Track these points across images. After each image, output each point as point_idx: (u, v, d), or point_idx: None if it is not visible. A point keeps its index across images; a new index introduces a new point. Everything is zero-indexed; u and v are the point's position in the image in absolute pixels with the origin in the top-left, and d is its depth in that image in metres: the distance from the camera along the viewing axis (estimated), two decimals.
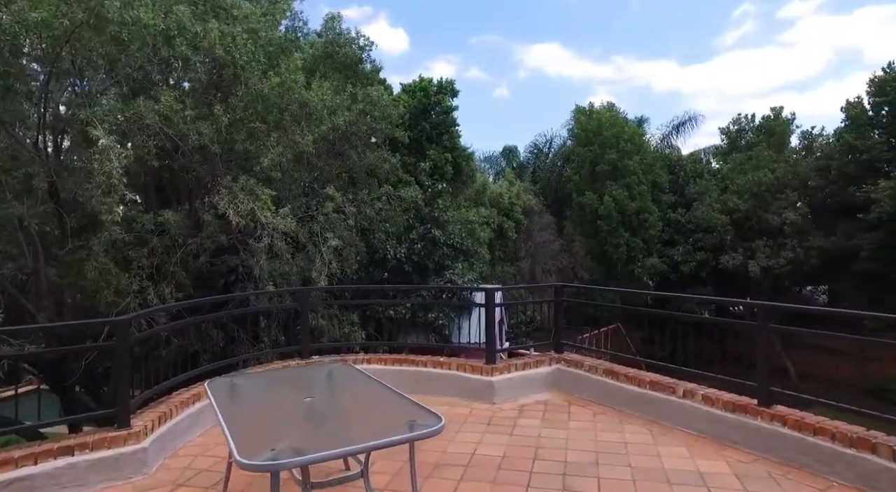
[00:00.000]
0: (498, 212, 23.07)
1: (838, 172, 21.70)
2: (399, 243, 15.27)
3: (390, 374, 6.89)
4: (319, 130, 8.88)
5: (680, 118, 31.64)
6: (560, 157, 32.39)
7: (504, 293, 17.72)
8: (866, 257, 19.82)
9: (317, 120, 8.80)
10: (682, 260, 25.87)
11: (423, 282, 15.63)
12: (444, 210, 15.73)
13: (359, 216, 10.56)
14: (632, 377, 5.92)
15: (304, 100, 8.48)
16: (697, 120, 31.55)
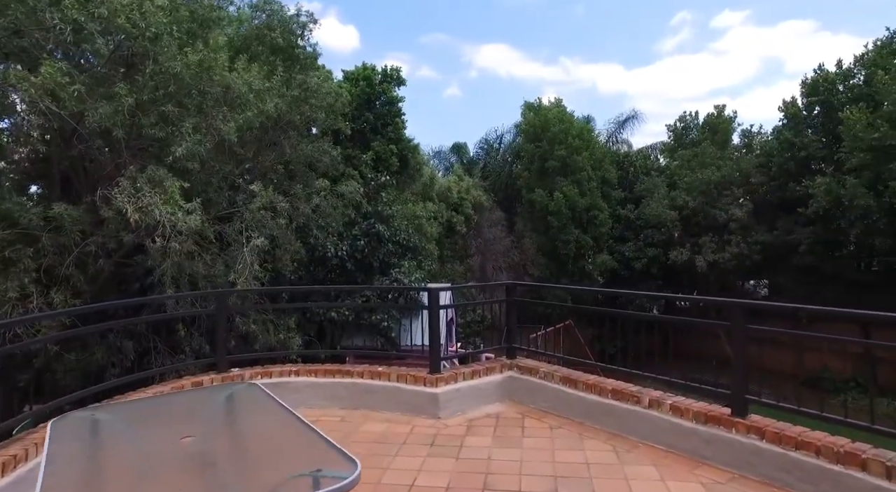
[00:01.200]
0: (447, 207, 22.44)
1: (778, 168, 22.37)
2: (341, 240, 14.38)
3: (323, 387, 6.11)
4: (245, 117, 7.91)
5: (625, 115, 32.09)
6: (510, 153, 32.15)
7: (454, 293, 17.11)
8: (805, 251, 20.45)
9: (242, 105, 7.82)
10: (633, 256, 26.10)
11: (368, 281, 14.80)
12: (388, 204, 14.94)
13: (294, 213, 9.62)
14: (591, 385, 5.37)
15: (226, 82, 7.50)
16: (640, 117, 32.13)
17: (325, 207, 10.22)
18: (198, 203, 7.16)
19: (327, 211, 10.36)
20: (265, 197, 8.43)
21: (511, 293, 6.61)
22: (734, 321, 4.20)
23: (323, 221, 10.78)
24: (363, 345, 14.49)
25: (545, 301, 7.13)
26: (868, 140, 17.25)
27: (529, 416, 5.63)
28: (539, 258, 26.25)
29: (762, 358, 20.73)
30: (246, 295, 9.94)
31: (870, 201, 17.42)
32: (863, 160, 17.63)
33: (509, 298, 6.60)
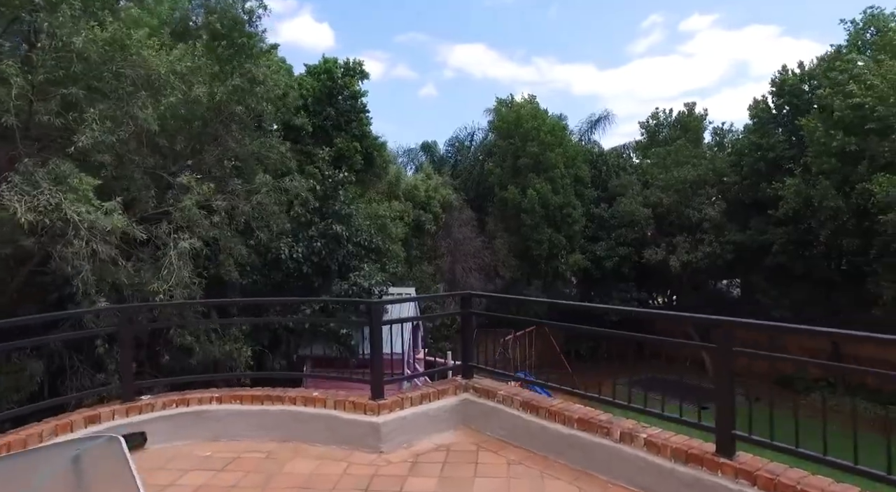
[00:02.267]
0: (414, 206, 21.65)
1: (749, 168, 22.24)
2: (296, 242, 13.48)
3: (250, 416, 5.30)
4: (168, 103, 6.99)
5: (597, 114, 31.86)
6: (482, 151, 31.52)
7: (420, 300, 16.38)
8: (778, 251, 20.33)
9: (166, 91, 6.91)
10: (606, 256, 25.73)
11: (326, 285, 13.94)
12: (347, 203, 14.09)
13: (234, 211, 8.73)
14: (555, 413, 4.68)
15: (145, 63, 6.57)
16: (611, 118, 31.95)
17: (268, 205, 9.34)
18: (118, 202, 6.24)
19: (270, 209, 9.47)
20: (198, 194, 7.52)
21: (467, 305, 5.88)
22: (720, 344, 3.54)
23: (267, 221, 9.88)
24: (322, 354, 13.65)
25: (504, 315, 6.34)
26: (830, 146, 17.26)
27: (485, 447, 4.92)
28: (511, 259, 25.68)
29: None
30: (155, 308, 8.95)
31: (839, 203, 17.37)
32: (830, 165, 17.59)
33: (465, 311, 5.88)
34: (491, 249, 26.03)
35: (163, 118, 7.23)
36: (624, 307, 4.13)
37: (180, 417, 5.13)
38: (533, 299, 4.18)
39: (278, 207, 9.57)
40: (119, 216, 6.07)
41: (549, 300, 4.16)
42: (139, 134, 7.06)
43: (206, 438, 5.14)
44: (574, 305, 4.67)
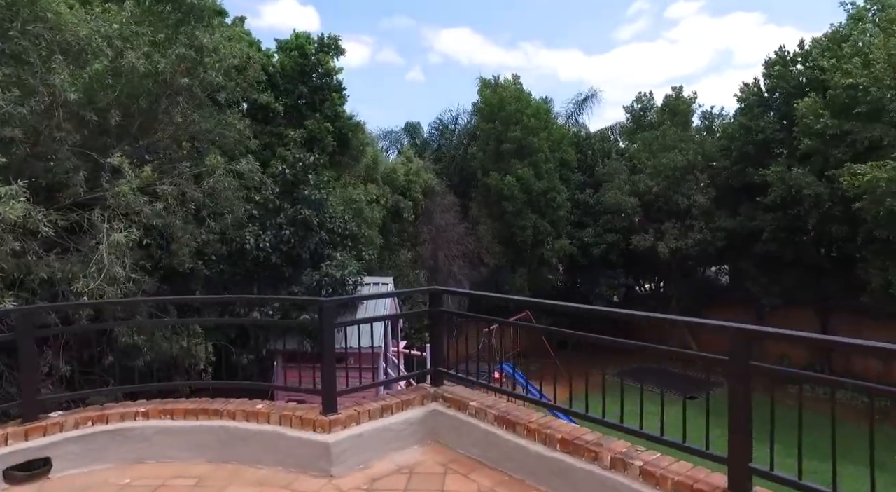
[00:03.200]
0: (393, 190, 20.83)
1: (738, 152, 21.75)
2: (263, 229, 12.67)
3: (182, 433, 4.59)
4: (94, 72, 6.13)
5: (583, 94, 31.09)
6: (466, 135, 30.64)
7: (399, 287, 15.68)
8: (768, 238, 19.93)
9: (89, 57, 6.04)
10: (593, 242, 25.18)
11: (297, 276, 13.17)
12: (318, 187, 13.27)
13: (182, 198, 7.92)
14: (534, 430, 4.04)
15: (58, 22, 5.69)
16: (598, 97, 31.19)
17: (222, 191, 8.52)
18: (20, 185, 5.40)
19: (225, 195, 8.66)
20: (135, 177, 6.69)
21: (437, 303, 5.20)
22: (734, 358, 2.90)
23: (222, 208, 9.04)
24: (295, 348, 12.90)
25: (476, 315, 5.59)
26: (815, 128, 16.85)
27: (454, 468, 4.27)
28: (495, 246, 25.03)
29: (719, 344, 19.54)
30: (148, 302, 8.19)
31: (820, 190, 17.05)
32: (813, 147, 17.18)
33: (434, 309, 5.21)
34: (474, 235, 25.36)
35: (89, 89, 6.36)
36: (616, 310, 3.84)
37: (97, 437, 4.40)
38: (508, 297, 3.74)
39: (234, 193, 8.75)
40: (21, 203, 5.22)
41: (524, 299, 3.79)
42: (60, 106, 6.18)
43: (127, 461, 4.43)
44: (554, 304, 4.24)
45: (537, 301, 3.34)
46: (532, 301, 3.49)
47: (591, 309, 4.20)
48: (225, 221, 9.18)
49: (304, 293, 12.76)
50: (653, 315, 3.88)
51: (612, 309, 3.72)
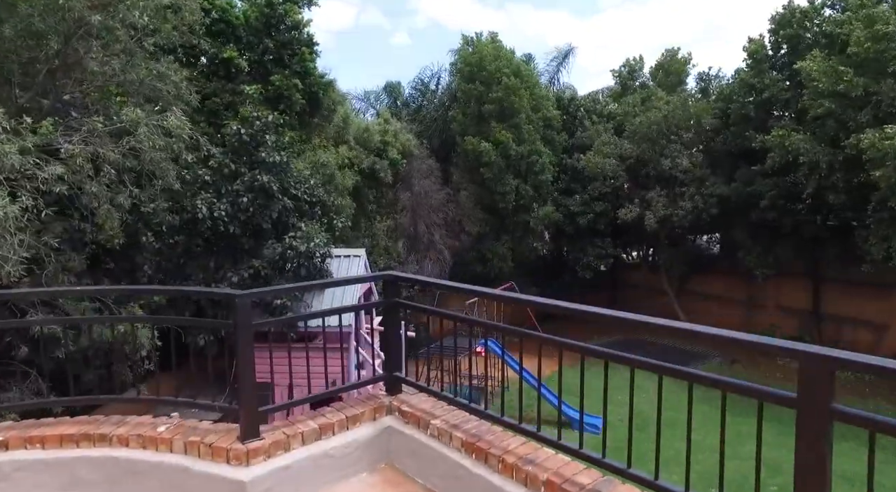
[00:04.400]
0: (367, 153, 19.54)
1: (736, 114, 20.68)
2: (218, 197, 11.48)
3: (55, 467, 3.61)
4: None
5: (563, 50, 29.71)
6: (447, 95, 29.13)
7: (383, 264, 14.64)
8: (766, 206, 19.11)
9: None
10: (580, 211, 24.22)
11: (259, 247, 12.06)
12: (277, 149, 12.04)
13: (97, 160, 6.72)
14: (511, 466, 3.11)
15: None
16: (574, 52, 29.94)
17: (146, 152, 7.29)
18: None
19: (149, 156, 7.43)
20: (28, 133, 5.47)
21: (392, 292, 4.21)
22: (807, 398, 1.94)
23: (151, 172, 7.82)
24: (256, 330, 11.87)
25: (434, 309, 4.49)
26: (833, 87, 15.68)
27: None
28: (477, 213, 24.00)
29: (707, 314, 19.21)
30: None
31: (820, 157, 16.14)
32: (825, 109, 16.10)
33: (389, 300, 4.22)
34: (456, 202, 24.30)
35: None
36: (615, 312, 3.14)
37: None
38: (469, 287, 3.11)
39: (162, 154, 7.53)
40: None
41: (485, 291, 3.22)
42: None
43: None
44: (518, 297, 3.58)
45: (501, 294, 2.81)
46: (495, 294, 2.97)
47: (565, 306, 3.25)
48: (154, 187, 8.02)
49: (266, 268, 11.69)
50: (659, 323, 2.88)
51: (596, 310, 2.77)
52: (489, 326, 3.54)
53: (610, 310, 3.07)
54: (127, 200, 7.28)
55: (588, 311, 2.99)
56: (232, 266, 11.92)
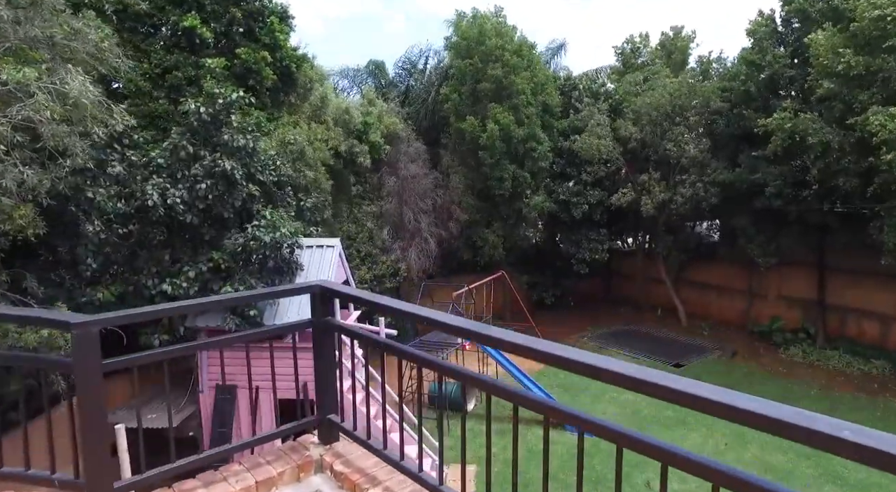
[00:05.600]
0: (346, 135, 18.37)
1: (740, 94, 19.61)
2: (174, 183, 10.40)
3: None
4: None
5: (557, 41, 28.82)
6: (437, 75, 27.85)
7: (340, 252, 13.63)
8: (772, 193, 18.14)
9: None
10: (575, 201, 23.18)
11: (219, 239, 11.02)
12: (242, 131, 10.92)
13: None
14: None
15: None
16: (566, 47, 28.82)
17: (44, 123, 6.14)
18: None
19: (50, 129, 6.28)
20: None
21: (323, 309, 3.22)
22: None
23: (56, 147, 6.67)
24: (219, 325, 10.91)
25: (364, 334, 3.46)
26: (834, 67, 14.69)
27: None
28: (468, 199, 22.95)
29: (706, 305, 18.05)
30: None
31: (829, 137, 15.14)
32: (830, 89, 15.11)
33: (319, 321, 3.22)
34: (446, 187, 23.22)
35: None
36: (533, 344, 2.88)
37: None
38: (402, 309, 2.41)
39: (64, 126, 6.42)
40: None
41: (424, 314, 2.57)
42: None
43: None
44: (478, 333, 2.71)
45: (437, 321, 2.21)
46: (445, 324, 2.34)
47: (497, 337, 2.30)
48: (60, 168, 6.91)
49: (228, 261, 10.65)
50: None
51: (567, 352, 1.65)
52: (424, 361, 2.56)
53: (526, 339, 2.19)
54: (33, 179, 6.20)
55: (515, 343, 2.02)
56: (192, 257, 10.89)
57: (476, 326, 2.42)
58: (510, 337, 2.25)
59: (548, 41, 31.30)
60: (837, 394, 17.17)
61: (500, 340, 2.30)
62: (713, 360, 20.27)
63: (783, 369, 19.35)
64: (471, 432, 16.43)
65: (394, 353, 2.79)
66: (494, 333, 2.35)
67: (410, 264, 21.33)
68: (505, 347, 2.27)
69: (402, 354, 2.74)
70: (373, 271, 19.67)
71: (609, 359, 1.95)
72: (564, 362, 2.03)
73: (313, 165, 14.87)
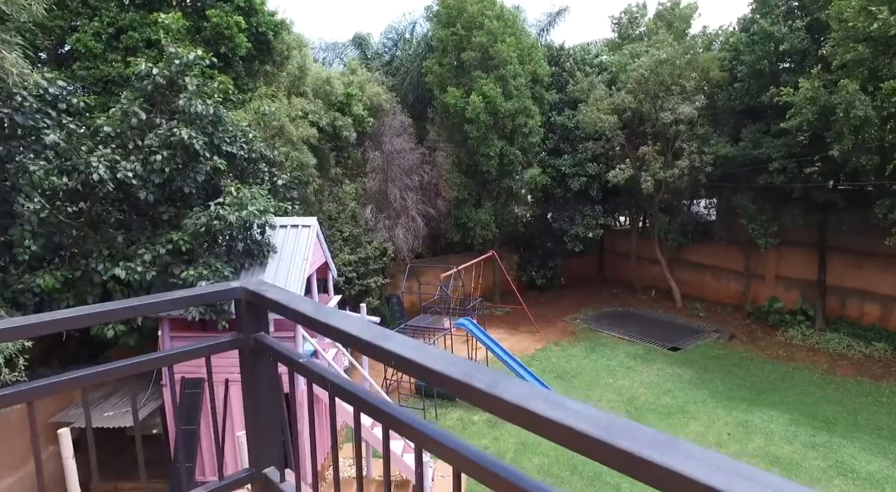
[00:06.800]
0: (327, 106, 17.12)
1: (747, 67, 18.49)
2: (126, 155, 9.24)
3: None
4: None
5: (556, 7, 27.31)
6: (424, 44, 26.46)
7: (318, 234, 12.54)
8: (776, 169, 17.25)
9: None
10: (572, 173, 22.16)
11: (180, 218, 9.91)
12: (201, 95, 9.71)
13: None
14: None
15: None
16: (568, 11, 27.30)
17: None
18: None
19: None
20: None
21: (253, 322, 2.20)
22: None
23: None
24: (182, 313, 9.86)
25: (294, 360, 2.44)
26: (865, 28, 13.56)
27: None
28: (455, 176, 21.85)
29: (701, 286, 16.84)
30: None
31: (868, 111, 14.03)
32: (856, 54, 14.00)
33: (246, 339, 2.20)
34: (433, 163, 22.10)
35: None
36: None
37: None
38: (328, 325, 1.92)
39: None
40: None
41: (347, 332, 2.09)
42: None
43: None
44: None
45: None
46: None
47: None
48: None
49: (189, 242, 9.55)
50: None
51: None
52: (365, 405, 1.59)
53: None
54: None
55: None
56: (150, 238, 9.78)
57: (373, 334, 1.49)
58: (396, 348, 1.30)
59: (543, 11, 29.86)
60: (840, 378, 16.59)
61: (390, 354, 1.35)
62: (710, 343, 19.61)
63: (783, 352, 18.74)
64: (460, 422, 15.74)
65: (341, 394, 1.82)
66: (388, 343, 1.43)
67: (397, 244, 20.31)
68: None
69: (350, 396, 1.77)
70: (357, 253, 18.62)
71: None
72: None
73: (295, 143, 13.70)
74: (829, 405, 15.00)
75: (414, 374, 1.43)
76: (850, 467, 12.05)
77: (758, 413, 14.54)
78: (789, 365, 17.64)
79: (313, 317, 1.82)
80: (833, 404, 15.09)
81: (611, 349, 19.17)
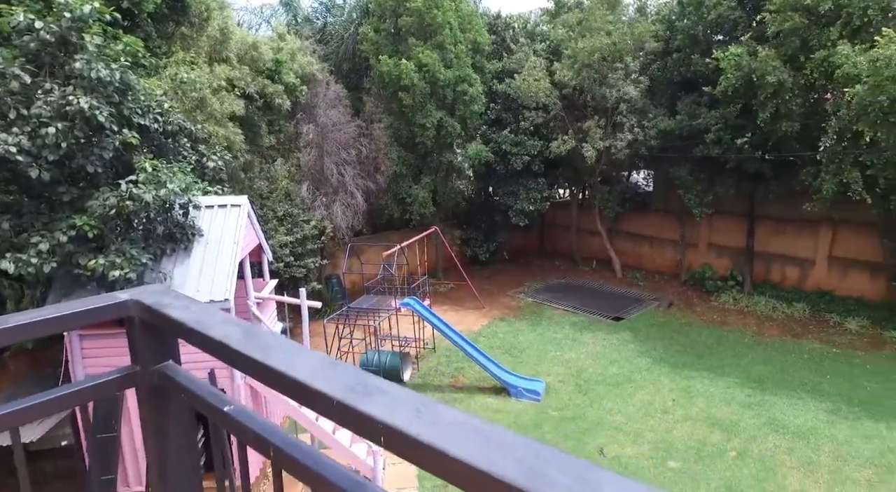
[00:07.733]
0: (255, 74, 15.77)
1: (683, 35, 18.63)
2: (6, 126, 7.90)
3: None
4: None
5: None
6: (358, 10, 25.07)
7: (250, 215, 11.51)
8: (712, 140, 17.57)
9: None
10: (514, 151, 21.77)
11: (83, 201, 8.68)
12: (102, 57, 8.42)
13: None
14: None
15: None
16: None
17: None
18: None
19: None
20: None
21: (155, 343, 1.45)
22: None
23: None
24: None
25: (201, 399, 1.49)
26: (802, 1, 13.90)
27: None
28: (393, 150, 20.98)
29: (640, 255, 17.19)
30: None
31: (784, 76, 14.46)
32: (792, 23, 14.30)
33: (144, 370, 1.49)
34: (370, 136, 21.10)
35: None
36: None
37: None
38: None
39: None
40: None
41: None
42: None
43: None
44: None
45: None
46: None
47: None
48: None
49: (97, 227, 8.36)
50: None
51: None
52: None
53: None
54: None
55: None
56: (47, 223, 8.49)
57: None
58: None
59: None
60: (768, 339, 17.38)
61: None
62: (651, 311, 20.08)
63: (717, 316, 19.45)
64: None
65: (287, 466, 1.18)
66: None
67: (336, 222, 19.34)
68: None
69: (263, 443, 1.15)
70: (293, 234, 17.53)
71: None
72: None
73: (219, 119, 12.43)
74: (759, 365, 15.69)
75: None
76: (781, 423, 12.62)
77: (698, 378, 14.97)
78: (723, 329, 18.33)
79: (239, 350, 1.16)
80: (763, 363, 15.80)
81: (556, 322, 19.23)
